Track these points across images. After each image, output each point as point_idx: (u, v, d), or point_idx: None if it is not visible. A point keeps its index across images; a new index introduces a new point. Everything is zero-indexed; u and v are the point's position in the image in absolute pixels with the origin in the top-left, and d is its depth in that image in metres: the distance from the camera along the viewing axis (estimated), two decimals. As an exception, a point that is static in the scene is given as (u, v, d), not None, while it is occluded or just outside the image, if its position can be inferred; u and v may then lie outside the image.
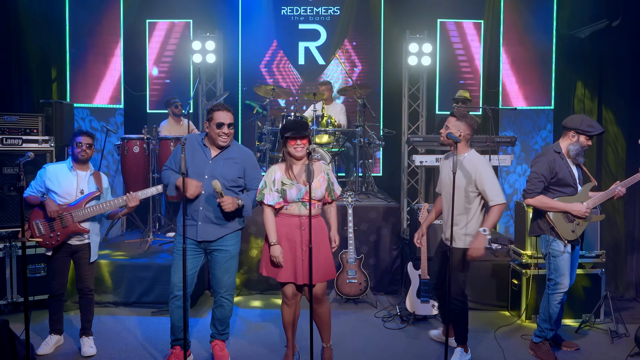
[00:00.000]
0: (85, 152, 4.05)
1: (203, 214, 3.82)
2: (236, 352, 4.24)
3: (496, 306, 5.34)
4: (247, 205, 3.82)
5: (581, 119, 4.11)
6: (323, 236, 3.81)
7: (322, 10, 8.16)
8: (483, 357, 4.23)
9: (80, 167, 4.10)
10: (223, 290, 3.95)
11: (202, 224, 3.82)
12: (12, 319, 4.06)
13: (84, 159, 4.06)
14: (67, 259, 4.13)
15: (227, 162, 3.85)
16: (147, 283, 5.27)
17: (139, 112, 7.85)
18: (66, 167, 4.10)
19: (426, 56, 7.32)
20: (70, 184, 4.03)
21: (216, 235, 3.85)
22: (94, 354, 4.14)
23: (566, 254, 4.08)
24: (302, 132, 3.67)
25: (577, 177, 4.14)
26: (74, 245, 4.08)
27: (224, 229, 3.87)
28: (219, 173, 3.76)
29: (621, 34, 5.98)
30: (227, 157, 3.87)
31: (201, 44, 7.39)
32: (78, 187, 4.04)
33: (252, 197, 3.84)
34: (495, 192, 3.83)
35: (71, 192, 4.02)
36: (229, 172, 3.82)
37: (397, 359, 4.19)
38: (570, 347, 4.39)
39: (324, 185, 3.78)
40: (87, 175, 4.11)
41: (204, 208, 3.82)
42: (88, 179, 4.10)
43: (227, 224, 3.87)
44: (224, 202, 3.66)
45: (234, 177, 3.84)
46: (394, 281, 5.74)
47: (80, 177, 4.07)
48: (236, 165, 3.87)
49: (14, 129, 5.17)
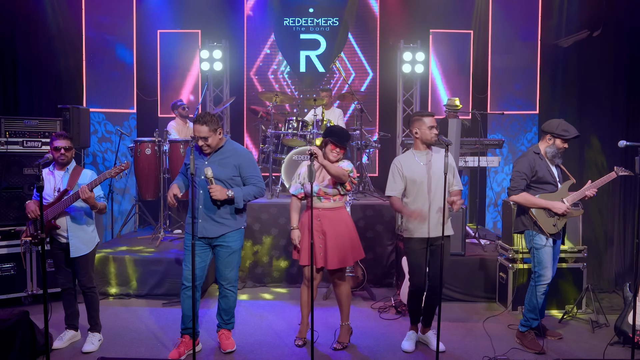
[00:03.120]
0: (64, 156, 3.93)
1: (202, 212, 3.82)
2: (241, 340, 4.24)
3: (484, 298, 5.34)
4: (238, 197, 3.77)
5: (557, 123, 4.11)
6: (341, 227, 3.97)
7: (322, 21, 8.16)
8: (472, 346, 4.22)
9: (59, 168, 4.00)
10: (226, 283, 3.96)
11: (203, 222, 3.82)
12: (32, 310, 4.05)
13: (63, 162, 3.96)
14: (61, 253, 4.03)
15: (222, 163, 3.83)
16: (158, 276, 5.27)
17: (150, 116, 7.85)
18: (49, 169, 4.02)
19: (419, 64, 7.33)
20: (49, 185, 3.93)
21: (216, 233, 3.84)
22: (92, 351, 4.00)
23: (548, 248, 4.08)
24: (344, 142, 3.92)
25: (557, 176, 4.14)
26: (62, 243, 3.99)
27: (224, 227, 3.85)
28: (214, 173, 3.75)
29: (601, 44, 5.98)
30: (221, 158, 3.85)
31: (209, 53, 7.40)
32: (55, 187, 3.95)
33: (245, 191, 3.82)
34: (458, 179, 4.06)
35: (50, 192, 3.93)
36: (222, 172, 3.78)
37: (392, 347, 4.19)
38: (554, 336, 4.39)
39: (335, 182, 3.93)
40: (63, 174, 3.98)
41: (203, 206, 3.82)
42: (62, 178, 3.97)
43: (226, 222, 3.85)
44: (212, 189, 3.67)
45: (229, 176, 3.81)
46: (389, 274, 5.74)
47: (57, 178, 3.98)
48: (229, 165, 3.83)
49: (33, 132, 5.18)
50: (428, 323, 4.21)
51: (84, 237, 4.02)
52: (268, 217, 5.73)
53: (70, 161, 4.02)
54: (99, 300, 4.21)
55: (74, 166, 4.04)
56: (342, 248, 3.95)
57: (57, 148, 3.91)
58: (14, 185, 5.02)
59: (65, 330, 4.19)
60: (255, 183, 3.89)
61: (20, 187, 5.04)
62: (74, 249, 3.96)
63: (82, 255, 4.00)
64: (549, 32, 7.12)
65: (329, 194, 3.94)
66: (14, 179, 5.03)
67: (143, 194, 6.22)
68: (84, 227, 4.02)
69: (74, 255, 3.97)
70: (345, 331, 4.15)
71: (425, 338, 4.21)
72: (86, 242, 4.03)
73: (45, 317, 3.54)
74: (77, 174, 3.99)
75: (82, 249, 3.99)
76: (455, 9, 7.91)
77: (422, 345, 4.21)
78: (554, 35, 6.90)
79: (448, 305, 5.08)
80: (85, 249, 4.01)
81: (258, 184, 3.90)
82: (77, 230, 3.98)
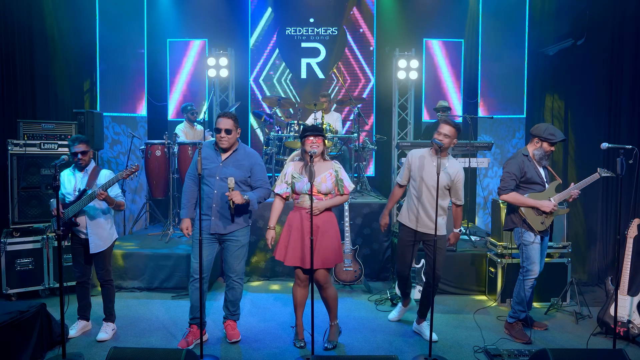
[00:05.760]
0: (82, 160, 3.96)
1: (216, 211, 3.83)
2: (246, 331, 4.25)
3: (475, 291, 5.34)
4: (253, 200, 3.80)
5: (545, 127, 4.11)
6: (328, 228, 3.79)
7: (322, 30, 8.17)
8: (463, 336, 4.23)
9: (79, 169, 4.03)
10: (234, 275, 3.96)
11: (215, 219, 3.84)
12: (49, 302, 4.05)
13: (82, 166, 3.99)
14: (80, 248, 4.07)
15: (236, 165, 3.85)
16: (168, 271, 5.27)
17: (160, 120, 7.85)
18: (70, 170, 4.06)
19: (413, 71, 7.32)
20: (70, 185, 3.99)
21: (227, 230, 3.87)
22: (106, 339, 4.04)
23: (536, 244, 4.08)
24: (317, 131, 3.75)
25: (544, 176, 4.14)
26: (82, 239, 4.03)
27: (234, 225, 3.88)
28: (229, 175, 3.75)
29: (585, 52, 5.98)
30: (235, 160, 3.86)
31: (215, 60, 7.40)
32: (75, 187, 3.98)
33: (258, 194, 3.84)
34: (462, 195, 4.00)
35: (71, 191, 3.98)
36: (237, 174, 3.80)
37: (388, 337, 4.19)
38: (540, 327, 4.39)
39: (329, 181, 3.79)
40: (82, 175, 4.01)
41: (217, 205, 3.83)
42: (82, 178, 4.00)
43: (237, 219, 3.88)
44: (233, 195, 3.64)
45: (243, 178, 3.84)
46: (385, 269, 5.74)
47: (77, 178, 4.01)
48: (244, 167, 3.86)
49: (50, 135, 5.19)
50: (423, 314, 4.22)
51: (102, 234, 4.04)
52: (271, 215, 5.73)
53: (89, 163, 4.05)
54: (114, 292, 4.24)
55: (93, 167, 4.07)
56: (326, 249, 3.75)
57: (74, 153, 3.96)
58: (31, 185, 5.03)
59: (77, 321, 4.21)
60: (265, 186, 3.90)
61: (37, 187, 5.05)
62: (93, 245, 3.99)
63: (101, 252, 4.03)
64: (535, 41, 7.12)
65: (322, 192, 3.78)
66: (31, 179, 5.03)
67: (153, 193, 6.22)
68: (102, 224, 4.04)
69: (93, 252, 4.00)
70: (335, 330, 3.99)
71: (420, 328, 4.22)
72: (104, 238, 4.05)
73: (61, 309, 3.57)
74: (95, 175, 4.02)
75: (100, 246, 4.02)
76: (447, 19, 7.93)
77: (417, 335, 4.22)
78: (540, 44, 6.90)
79: (441, 298, 5.08)
80: (103, 245, 4.04)
81: (267, 186, 3.92)
82: (95, 227, 4.01)
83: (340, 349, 3.95)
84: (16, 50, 5.46)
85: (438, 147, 3.72)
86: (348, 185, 3.84)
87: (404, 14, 8.01)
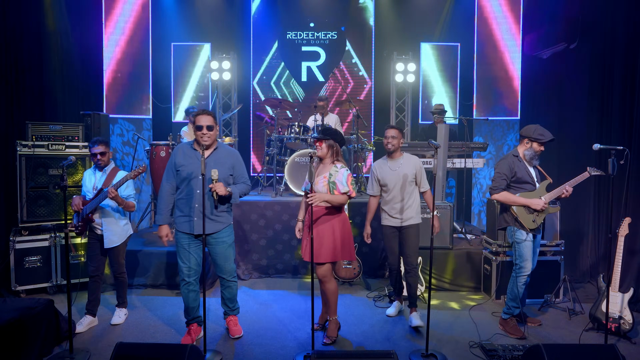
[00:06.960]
0: (101, 160, 4.06)
1: (199, 211, 3.69)
2: (248, 327, 4.25)
3: (470, 288, 5.34)
4: (235, 194, 3.75)
5: (534, 128, 4.11)
6: (328, 226, 3.81)
7: (322, 34, 8.18)
8: (459, 332, 4.23)
9: (98, 169, 4.14)
10: (227, 275, 3.95)
11: (198, 220, 3.68)
12: (56, 299, 4.07)
13: (101, 166, 4.09)
14: (96, 243, 4.16)
15: (219, 162, 3.73)
16: (172, 268, 5.27)
17: (165, 121, 7.86)
18: (92, 170, 4.18)
19: (411, 74, 7.34)
20: (90, 184, 4.10)
21: (210, 230, 3.75)
22: (119, 323, 4.26)
23: (528, 242, 4.09)
24: (320, 134, 3.86)
25: (535, 176, 4.15)
26: (98, 234, 4.13)
27: (217, 224, 3.77)
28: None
29: (577, 56, 5.99)
30: (217, 158, 3.76)
31: (218, 64, 7.42)
32: (94, 185, 4.08)
33: (240, 189, 3.80)
34: (426, 182, 4.30)
35: (90, 189, 4.09)
36: (220, 171, 3.68)
37: (385, 332, 4.20)
38: (534, 323, 4.39)
39: (321, 183, 3.83)
40: (101, 175, 4.11)
41: (199, 205, 3.69)
42: (100, 178, 4.10)
43: (219, 219, 3.78)
44: (216, 186, 3.58)
45: (226, 175, 3.76)
46: (383, 267, 5.74)
47: (97, 177, 4.11)
48: (226, 165, 3.77)
49: (58, 136, 5.20)
50: (413, 303, 4.34)
51: (117, 230, 4.15)
52: (272, 213, 5.74)
53: (108, 163, 4.13)
54: (127, 283, 4.41)
55: (111, 167, 4.16)
56: (319, 244, 3.76)
57: (94, 154, 4.07)
58: (40, 185, 5.03)
59: (84, 316, 4.23)
60: (245, 182, 3.88)
61: (45, 187, 5.05)
62: (108, 241, 4.11)
63: (115, 247, 4.14)
64: (529, 45, 7.13)
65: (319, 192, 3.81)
66: (39, 179, 5.04)
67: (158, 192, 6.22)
68: (116, 221, 4.15)
69: (107, 247, 4.12)
70: (334, 326, 3.98)
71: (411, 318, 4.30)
72: (118, 234, 4.15)
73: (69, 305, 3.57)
74: (112, 175, 4.11)
75: (114, 241, 4.13)
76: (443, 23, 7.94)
77: (414, 331, 4.22)
78: (534, 48, 6.91)
79: (437, 295, 5.09)
80: (117, 240, 4.15)
81: (248, 182, 3.90)
82: (110, 223, 4.12)
83: (339, 344, 3.96)
84: (24, 54, 5.47)
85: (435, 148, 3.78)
86: (342, 188, 3.81)
87: (402, 19, 8.02)
